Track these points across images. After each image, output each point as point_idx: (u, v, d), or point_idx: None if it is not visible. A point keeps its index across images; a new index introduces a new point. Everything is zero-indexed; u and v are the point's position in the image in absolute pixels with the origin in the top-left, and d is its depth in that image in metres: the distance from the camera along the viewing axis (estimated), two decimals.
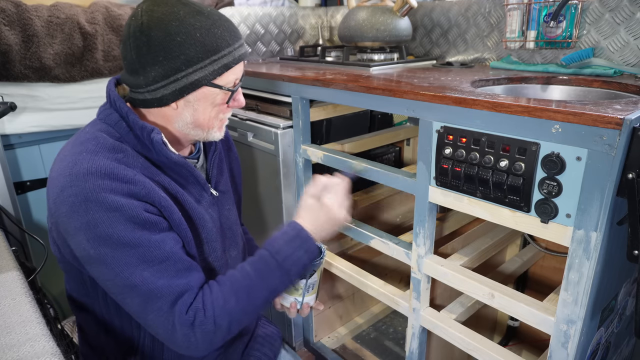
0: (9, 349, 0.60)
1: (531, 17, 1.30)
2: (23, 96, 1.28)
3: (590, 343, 0.86)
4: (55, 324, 1.07)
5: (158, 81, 0.75)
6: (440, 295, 1.23)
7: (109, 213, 0.70)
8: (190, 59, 0.74)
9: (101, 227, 0.69)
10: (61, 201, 0.71)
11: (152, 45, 0.73)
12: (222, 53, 0.77)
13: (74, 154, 0.73)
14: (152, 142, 0.76)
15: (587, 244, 0.73)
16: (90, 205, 0.69)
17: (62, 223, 0.73)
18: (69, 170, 0.71)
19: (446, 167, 0.90)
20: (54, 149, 1.40)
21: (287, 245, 0.83)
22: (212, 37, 0.75)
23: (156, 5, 0.75)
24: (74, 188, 0.70)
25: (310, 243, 0.85)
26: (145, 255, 0.72)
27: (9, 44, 1.18)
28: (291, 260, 0.83)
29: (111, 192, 0.70)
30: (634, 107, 0.71)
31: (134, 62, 0.75)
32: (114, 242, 0.70)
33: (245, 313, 0.79)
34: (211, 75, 0.77)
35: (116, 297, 0.75)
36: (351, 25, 1.42)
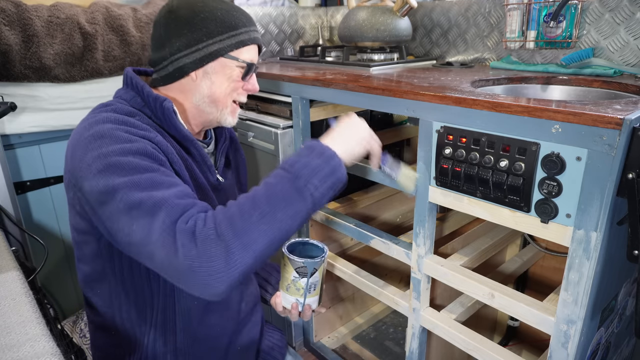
0: (9, 349, 0.60)
1: (531, 17, 1.30)
2: (23, 96, 1.28)
3: (590, 343, 0.86)
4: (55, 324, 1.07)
5: (181, 50, 0.83)
6: (440, 295, 1.23)
7: (122, 144, 0.72)
8: (210, 32, 0.83)
9: (112, 157, 0.71)
10: (79, 145, 0.74)
11: (179, 21, 0.83)
12: (239, 30, 0.86)
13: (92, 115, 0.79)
14: (163, 110, 0.82)
15: (587, 244, 0.73)
16: (105, 140, 0.73)
17: (77, 169, 0.73)
18: (87, 122, 0.76)
19: (446, 167, 0.90)
20: (54, 149, 1.40)
21: (300, 156, 0.74)
22: (230, 17, 0.85)
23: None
24: (91, 130, 0.74)
25: (328, 153, 0.74)
26: (153, 178, 0.71)
27: (9, 44, 1.18)
28: (309, 170, 0.71)
29: (126, 132, 0.75)
30: (634, 107, 0.71)
31: (161, 37, 0.84)
32: (124, 169, 0.70)
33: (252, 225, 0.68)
34: (228, 48, 0.85)
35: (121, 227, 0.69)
36: (351, 25, 1.42)
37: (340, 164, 0.76)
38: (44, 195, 1.41)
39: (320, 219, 1.32)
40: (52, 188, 1.42)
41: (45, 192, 1.41)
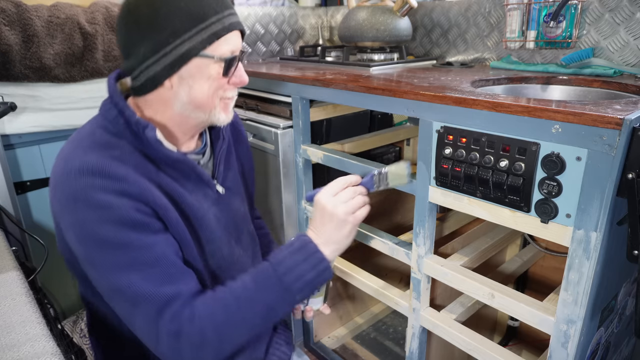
0: (9, 349, 0.60)
1: (531, 17, 1.30)
2: (23, 96, 1.28)
3: (590, 343, 0.86)
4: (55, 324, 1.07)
5: (148, 57, 0.73)
6: (440, 295, 1.23)
7: (97, 212, 0.67)
8: (176, 30, 0.72)
9: (89, 226, 0.67)
10: (55, 199, 0.71)
11: (140, 23, 0.72)
12: (209, 21, 0.74)
13: (69, 150, 0.72)
14: (148, 139, 0.74)
15: (587, 244, 0.73)
16: (79, 204, 0.67)
17: (58, 221, 0.73)
18: (62, 169, 0.70)
19: (446, 167, 0.90)
20: (54, 149, 1.40)
21: (291, 257, 0.77)
22: (197, 6, 0.73)
23: None
24: (65, 186, 0.69)
25: (317, 257, 0.77)
26: (133, 257, 0.68)
27: (9, 44, 1.18)
28: (294, 274, 0.75)
29: (101, 190, 0.67)
30: (634, 107, 0.71)
31: (126, 44, 0.75)
32: (101, 242, 0.68)
33: (237, 328, 0.73)
34: (200, 45, 0.73)
35: (105, 298, 0.73)
36: (351, 25, 1.42)
37: (327, 268, 0.79)
38: (44, 195, 1.41)
39: None
40: None
41: (45, 192, 1.41)
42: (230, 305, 0.73)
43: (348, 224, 0.81)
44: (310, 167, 1.35)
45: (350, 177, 0.85)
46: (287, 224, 1.43)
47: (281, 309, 0.76)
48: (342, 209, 0.80)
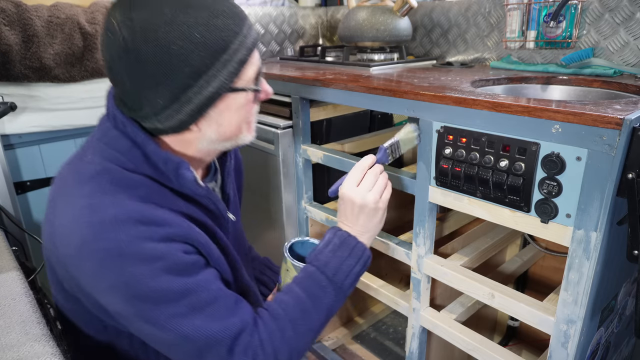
0: (9, 349, 0.60)
1: (531, 17, 1.30)
2: (23, 96, 1.28)
3: (590, 343, 0.86)
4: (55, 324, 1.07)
5: (168, 107, 0.62)
6: (440, 295, 1.23)
7: (150, 265, 0.60)
8: (196, 70, 0.60)
9: (142, 284, 0.60)
10: (84, 257, 0.60)
11: (145, 65, 0.59)
12: (232, 48, 0.62)
13: (84, 195, 0.61)
14: (183, 178, 0.67)
15: (587, 244, 0.73)
16: (126, 259, 0.59)
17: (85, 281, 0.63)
18: (88, 219, 0.59)
19: (446, 167, 0.90)
20: (54, 149, 1.40)
21: (335, 255, 0.76)
22: (214, 32, 0.60)
23: (133, 9, 0.59)
24: (103, 242, 0.59)
25: (359, 248, 0.78)
26: (194, 302, 0.63)
27: (9, 44, 1.18)
28: (343, 272, 0.75)
29: (147, 239, 0.60)
30: (634, 107, 0.71)
31: (129, 90, 0.62)
32: (157, 297, 0.61)
33: (305, 339, 0.73)
34: (228, 80, 0.63)
35: (162, 349, 0.68)
36: (351, 25, 1.42)
37: (369, 256, 0.81)
38: (44, 195, 1.41)
39: (320, 219, 1.32)
40: None
41: (45, 192, 1.41)
42: (296, 320, 0.72)
43: (379, 210, 0.83)
44: (310, 167, 1.35)
45: (366, 160, 0.85)
46: (287, 224, 1.43)
47: (338, 306, 0.77)
48: (370, 198, 0.81)
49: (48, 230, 0.66)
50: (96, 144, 0.67)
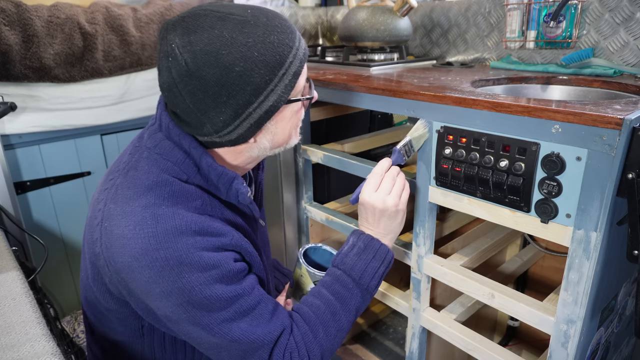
0: (9, 349, 0.60)
1: (531, 17, 1.30)
2: (23, 96, 1.28)
3: (590, 343, 0.86)
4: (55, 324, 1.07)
5: (229, 124, 0.65)
6: (440, 295, 1.23)
7: (206, 273, 0.64)
8: (257, 87, 0.63)
9: (197, 291, 0.64)
10: (144, 264, 0.63)
11: (208, 87, 0.62)
12: (288, 61, 0.66)
13: (146, 206, 0.64)
14: (236, 192, 0.71)
15: (587, 244, 0.73)
16: (184, 268, 0.63)
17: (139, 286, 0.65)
18: (152, 229, 0.62)
19: (446, 167, 0.90)
20: (54, 149, 1.40)
21: (360, 259, 0.80)
22: (271, 49, 0.63)
23: (191, 33, 0.61)
24: (164, 251, 0.62)
25: (382, 250, 0.83)
26: (241, 307, 0.68)
27: (9, 44, 1.18)
28: (368, 274, 0.80)
29: (205, 249, 0.64)
30: (634, 107, 0.71)
31: (191, 110, 0.65)
32: (210, 303, 0.66)
33: (335, 340, 0.78)
34: (285, 93, 0.67)
35: (207, 351, 0.71)
36: (351, 25, 1.42)
37: (392, 256, 0.85)
38: (44, 195, 1.41)
39: (320, 219, 1.33)
40: (52, 188, 1.42)
41: (45, 192, 1.41)
42: (326, 322, 0.77)
43: (400, 212, 0.86)
44: (310, 167, 1.35)
45: (382, 164, 0.88)
46: (287, 224, 1.43)
47: (365, 306, 0.82)
48: (390, 202, 0.84)
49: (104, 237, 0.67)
50: (150, 154, 0.70)
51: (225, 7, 0.65)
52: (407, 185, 0.88)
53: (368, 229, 0.85)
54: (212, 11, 0.63)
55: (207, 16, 0.63)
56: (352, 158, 1.17)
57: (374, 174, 0.87)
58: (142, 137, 0.74)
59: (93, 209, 0.71)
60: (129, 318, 0.76)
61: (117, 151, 1.53)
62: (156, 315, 0.70)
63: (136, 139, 0.75)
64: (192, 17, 0.63)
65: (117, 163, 0.74)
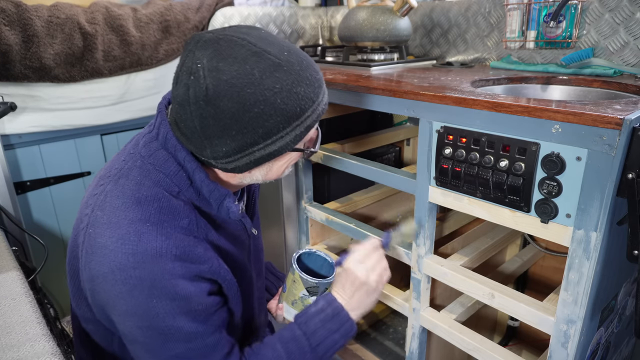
0: (9, 349, 0.60)
1: (531, 17, 1.30)
2: (23, 96, 1.28)
3: (590, 343, 0.86)
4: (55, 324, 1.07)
5: (230, 156, 0.65)
6: (440, 295, 1.23)
7: (174, 303, 0.63)
8: (269, 131, 0.63)
9: (160, 317, 0.63)
10: (118, 280, 0.62)
11: (221, 117, 0.61)
12: (305, 115, 0.65)
13: (132, 220, 0.63)
14: (227, 210, 0.71)
15: (587, 244, 0.73)
16: (155, 292, 0.62)
17: (106, 298, 0.65)
18: (133, 247, 0.61)
19: (446, 167, 0.90)
20: (54, 149, 1.40)
21: (324, 326, 0.78)
22: (294, 100, 0.63)
23: (222, 59, 0.60)
24: (140, 270, 0.61)
25: (348, 325, 0.81)
26: (195, 346, 0.67)
27: (9, 44, 1.18)
28: (326, 345, 0.78)
29: (181, 277, 0.63)
30: (634, 107, 0.71)
31: (196, 131, 0.63)
32: (168, 334, 0.65)
33: None
34: (293, 142, 0.66)
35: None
36: (351, 25, 1.42)
37: (355, 333, 0.82)
38: (44, 195, 1.41)
39: (320, 219, 1.33)
40: (52, 188, 1.42)
41: (45, 192, 1.41)
42: None
43: (377, 291, 0.85)
44: (311, 167, 1.35)
45: (373, 242, 0.89)
46: (287, 224, 1.43)
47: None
48: (373, 277, 0.83)
49: (87, 243, 0.66)
50: (143, 163, 0.69)
51: (263, 41, 0.63)
52: (389, 271, 0.88)
53: (341, 298, 0.83)
54: (249, 42, 0.61)
55: (243, 47, 0.61)
56: (352, 158, 1.17)
57: (363, 247, 0.87)
58: (137, 144, 0.73)
59: (81, 212, 0.71)
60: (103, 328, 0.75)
61: (117, 151, 1.53)
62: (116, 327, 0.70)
63: (131, 146, 0.74)
64: (227, 43, 0.61)
65: (109, 168, 0.72)
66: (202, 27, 1.57)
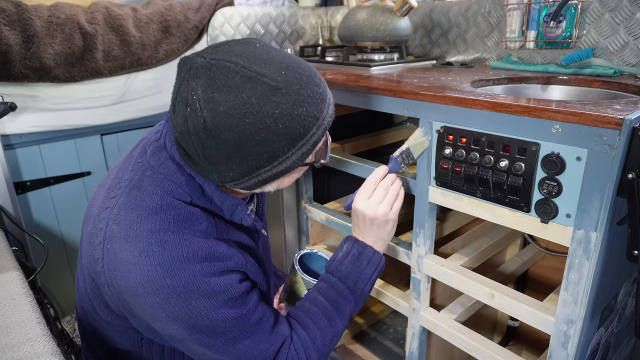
0: (9, 349, 0.60)
1: (531, 17, 1.30)
2: (23, 96, 1.28)
3: (590, 343, 0.86)
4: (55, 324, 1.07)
5: (236, 179, 0.65)
6: (440, 295, 1.23)
7: (212, 299, 0.65)
8: (274, 155, 0.62)
9: (204, 316, 0.65)
10: (150, 291, 0.63)
11: (223, 147, 0.60)
12: (310, 133, 0.64)
13: (151, 231, 0.63)
14: (240, 219, 0.73)
15: (587, 244, 0.73)
16: (192, 295, 0.63)
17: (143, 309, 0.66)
18: (159, 258, 0.62)
19: (446, 167, 0.90)
20: (54, 149, 1.40)
21: (355, 266, 0.83)
22: (297, 122, 0.61)
23: (216, 89, 0.58)
24: (171, 279, 0.62)
25: (376, 257, 0.85)
26: (245, 326, 0.70)
27: (9, 44, 1.18)
28: (362, 281, 0.83)
29: (212, 275, 0.65)
30: (634, 107, 0.71)
31: (199, 159, 0.63)
32: (217, 327, 0.67)
33: (331, 344, 0.81)
34: (300, 160, 0.65)
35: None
36: (351, 25, 1.42)
37: (384, 262, 0.87)
38: (44, 195, 1.41)
39: (320, 219, 1.33)
40: (52, 188, 1.42)
41: (45, 192, 1.41)
42: (323, 329, 0.79)
43: (389, 221, 0.87)
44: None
45: (378, 172, 0.89)
46: (287, 224, 1.43)
47: (357, 310, 0.85)
48: (380, 210, 0.85)
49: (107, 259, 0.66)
50: (153, 173, 0.68)
51: (258, 61, 0.60)
52: (401, 194, 0.89)
53: (360, 236, 0.87)
54: (243, 67, 0.58)
55: (237, 73, 0.58)
56: (352, 158, 1.17)
57: (368, 182, 0.88)
58: (144, 152, 0.72)
59: (94, 227, 0.70)
60: (129, 331, 0.76)
61: (117, 151, 1.53)
62: (158, 333, 0.71)
63: (138, 154, 0.73)
64: (220, 70, 0.58)
65: (119, 178, 0.71)
66: (202, 27, 1.57)
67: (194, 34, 1.55)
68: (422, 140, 0.91)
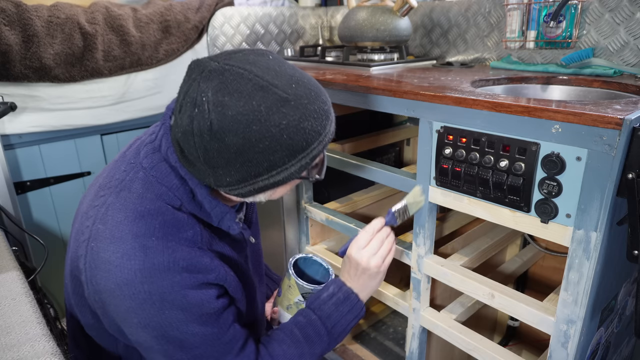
0: (9, 349, 0.60)
1: (531, 17, 1.30)
2: (23, 96, 1.28)
3: (590, 343, 0.86)
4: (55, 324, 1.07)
5: (232, 185, 0.65)
6: (440, 295, 1.23)
7: (186, 311, 0.65)
8: (274, 164, 0.63)
9: (174, 328, 0.65)
10: (126, 295, 0.63)
11: (225, 151, 0.60)
12: (311, 147, 0.65)
13: (136, 235, 0.63)
14: (228, 228, 0.73)
15: (587, 244, 0.73)
16: (166, 304, 0.63)
17: (116, 312, 0.66)
18: (140, 263, 0.62)
19: (446, 167, 0.90)
20: (54, 149, 1.40)
21: (337, 309, 0.84)
22: (301, 135, 0.62)
23: (227, 93, 0.58)
24: (148, 285, 0.62)
25: (358, 306, 0.86)
26: (213, 345, 0.70)
27: (9, 44, 1.18)
28: (341, 326, 0.84)
29: (190, 287, 0.64)
30: (633, 107, 0.71)
31: (199, 160, 0.63)
32: (184, 342, 0.67)
33: None
34: (298, 172, 0.66)
35: None
36: (351, 25, 1.42)
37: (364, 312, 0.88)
38: (44, 195, 1.41)
39: (320, 219, 1.33)
40: (52, 188, 1.42)
41: (45, 192, 1.41)
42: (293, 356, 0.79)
43: (380, 274, 0.88)
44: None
45: (375, 224, 0.90)
46: (287, 224, 1.43)
47: (328, 352, 0.85)
48: (374, 262, 0.86)
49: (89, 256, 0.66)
50: (145, 175, 0.68)
51: (271, 72, 0.61)
52: (393, 250, 0.90)
53: (349, 281, 0.87)
54: (256, 76, 0.60)
55: (250, 81, 0.59)
56: (352, 158, 1.17)
57: (365, 232, 0.89)
58: (138, 153, 0.71)
59: (81, 224, 0.70)
60: (108, 335, 0.76)
61: (117, 151, 1.53)
62: (127, 338, 0.71)
63: (131, 155, 0.72)
64: (233, 76, 0.59)
65: (109, 178, 0.71)
66: (202, 27, 1.57)
67: (194, 34, 1.55)
68: (420, 200, 0.93)
